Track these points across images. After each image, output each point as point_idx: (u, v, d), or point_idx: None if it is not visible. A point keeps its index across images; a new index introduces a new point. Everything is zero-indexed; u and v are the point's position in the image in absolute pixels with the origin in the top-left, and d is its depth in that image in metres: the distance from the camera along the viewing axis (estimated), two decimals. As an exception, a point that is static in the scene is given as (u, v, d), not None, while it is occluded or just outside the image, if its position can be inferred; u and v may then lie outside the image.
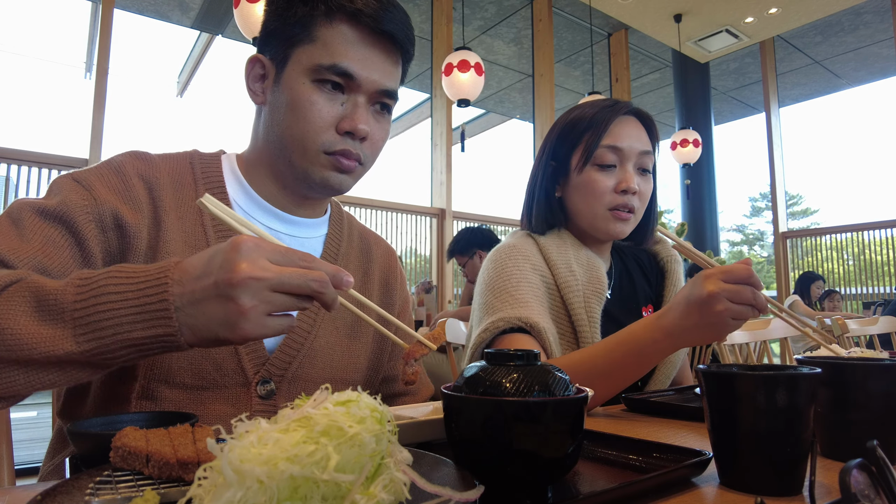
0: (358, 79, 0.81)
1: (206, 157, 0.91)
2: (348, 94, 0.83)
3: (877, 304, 5.86)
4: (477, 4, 6.17)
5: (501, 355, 0.52)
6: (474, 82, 4.19)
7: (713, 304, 0.80)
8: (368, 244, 1.06)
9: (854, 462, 0.36)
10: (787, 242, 7.28)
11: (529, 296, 1.07)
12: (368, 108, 0.85)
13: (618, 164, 1.14)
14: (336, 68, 0.80)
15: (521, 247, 1.15)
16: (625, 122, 1.16)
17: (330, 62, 0.80)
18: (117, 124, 7.37)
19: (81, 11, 5.50)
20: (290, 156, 0.84)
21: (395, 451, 0.38)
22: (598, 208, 1.14)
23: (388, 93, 0.86)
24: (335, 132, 0.82)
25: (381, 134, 0.88)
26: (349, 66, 0.80)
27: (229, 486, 0.33)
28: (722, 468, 0.56)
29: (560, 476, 0.50)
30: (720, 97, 8.67)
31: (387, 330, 0.68)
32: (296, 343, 0.86)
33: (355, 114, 0.82)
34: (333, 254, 0.96)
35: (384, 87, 0.84)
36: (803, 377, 0.51)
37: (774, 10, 6.21)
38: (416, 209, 5.57)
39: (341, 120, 0.82)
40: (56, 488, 0.42)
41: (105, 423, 0.57)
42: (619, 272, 1.27)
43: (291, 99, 0.81)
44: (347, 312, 0.92)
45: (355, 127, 0.82)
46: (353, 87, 0.82)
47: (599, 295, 1.12)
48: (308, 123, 0.81)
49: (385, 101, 0.87)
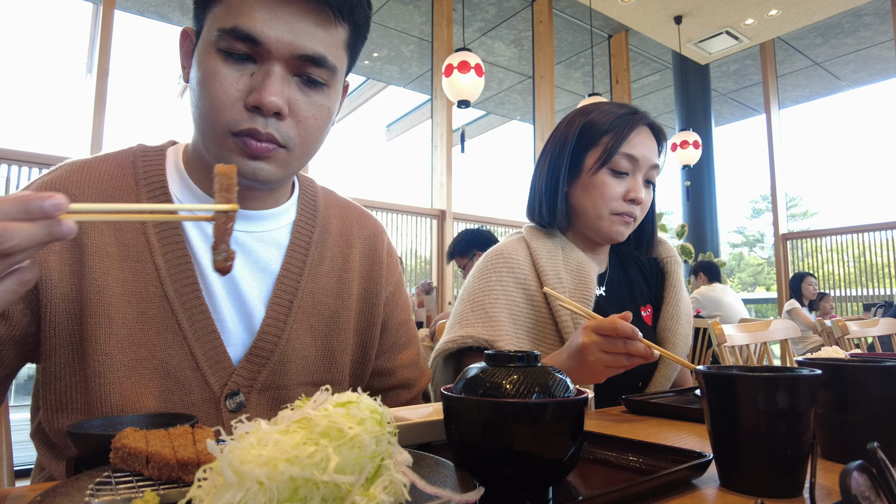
0: (265, 42, 0.68)
1: (150, 152, 0.82)
2: (259, 63, 0.70)
3: (877, 306, 5.86)
4: (477, 6, 6.17)
5: (502, 356, 0.52)
6: (474, 83, 4.19)
7: (586, 354, 0.87)
8: (349, 225, 0.94)
9: (854, 464, 0.36)
10: (787, 244, 7.28)
11: (503, 314, 1.10)
12: (286, 79, 0.71)
13: (630, 172, 1.16)
14: (237, 31, 0.68)
15: (511, 254, 1.17)
16: (643, 133, 1.17)
17: (231, 24, 0.68)
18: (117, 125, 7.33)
19: (82, 12, 5.50)
20: (203, 142, 0.75)
21: (395, 453, 0.38)
22: (604, 211, 1.15)
23: (312, 59, 0.71)
24: (242, 108, 0.70)
25: (310, 110, 0.74)
26: (252, 27, 0.67)
27: (229, 488, 0.33)
28: (722, 470, 0.56)
29: (560, 477, 0.50)
30: (720, 99, 8.67)
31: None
32: (264, 351, 0.79)
33: (263, 84, 0.69)
34: (304, 244, 0.86)
35: (304, 52, 0.70)
36: (804, 379, 0.51)
37: (775, 12, 6.22)
38: (417, 210, 5.57)
39: (248, 93, 0.70)
40: (56, 489, 0.42)
41: (105, 423, 0.57)
42: (615, 274, 1.28)
43: (201, 73, 0.71)
44: (324, 307, 0.86)
45: (260, 100, 0.68)
46: (263, 54, 0.69)
47: (586, 300, 1.13)
48: (212, 100, 0.70)
49: (312, 70, 0.72)
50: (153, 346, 0.74)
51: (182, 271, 0.76)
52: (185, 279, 0.76)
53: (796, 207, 28.73)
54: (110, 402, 0.71)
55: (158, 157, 0.81)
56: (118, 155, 0.81)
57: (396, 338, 0.98)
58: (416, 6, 6.02)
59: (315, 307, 0.85)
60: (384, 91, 8.74)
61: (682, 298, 1.28)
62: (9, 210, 0.42)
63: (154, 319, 0.74)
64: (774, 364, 2.20)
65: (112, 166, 0.79)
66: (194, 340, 0.75)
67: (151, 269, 0.75)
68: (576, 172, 1.19)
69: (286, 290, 0.82)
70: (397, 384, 0.98)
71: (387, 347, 0.96)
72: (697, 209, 6.90)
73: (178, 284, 0.75)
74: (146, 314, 0.74)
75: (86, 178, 0.77)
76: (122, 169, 0.79)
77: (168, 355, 0.74)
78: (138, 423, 0.57)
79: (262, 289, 0.81)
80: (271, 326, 0.80)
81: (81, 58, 5.36)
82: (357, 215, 0.97)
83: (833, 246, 7.08)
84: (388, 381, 0.97)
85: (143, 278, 0.75)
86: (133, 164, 0.80)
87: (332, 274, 0.88)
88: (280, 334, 0.80)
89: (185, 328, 0.75)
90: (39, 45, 14.66)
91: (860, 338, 2.32)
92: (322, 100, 0.75)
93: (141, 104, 15.18)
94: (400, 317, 0.99)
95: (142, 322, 0.74)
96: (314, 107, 0.74)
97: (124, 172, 0.79)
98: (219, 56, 0.70)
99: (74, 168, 0.78)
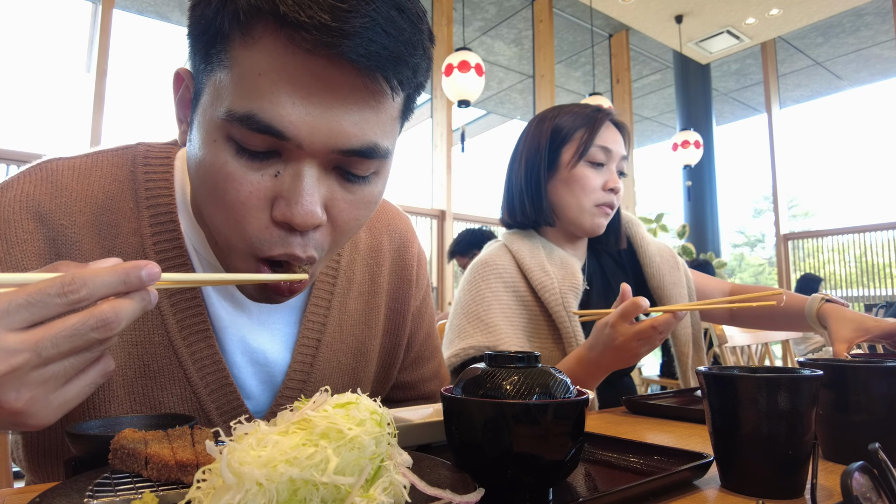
0: (294, 138, 0.49)
1: (153, 161, 0.66)
2: (286, 159, 0.52)
3: (878, 307, 5.85)
4: (477, 5, 6.17)
5: (502, 357, 0.51)
6: (474, 83, 4.19)
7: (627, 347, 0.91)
8: (378, 238, 0.83)
9: (856, 465, 0.36)
10: (788, 244, 7.28)
11: (499, 318, 1.13)
12: (323, 178, 0.53)
13: (606, 163, 1.21)
14: (254, 122, 0.49)
15: (495, 261, 1.20)
16: (610, 128, 1.23)
17: (245, 110, 0.49)
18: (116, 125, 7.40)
19: (81, 12, 5.49)
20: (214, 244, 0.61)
21: (395, 454, 0.38)
22: (587, 203, 1.20)
23: (359, 152, 0.52)
24: (269, 223, 0.53)
25: (353, 212, 0.56)
26: (275, 117, 0.48)
27: (228, 489, 0.32)
28: (723, 471, 0.55)
29: (561, 479, 0.50)
30: (721, 98, 8.66)
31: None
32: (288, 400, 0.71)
33: (295, 193, 0.51)
34: (332, 271, 0.76)
35: (348, 147, 0.52)
36: (805, 379, 0.51)
37: (776, 12, 6.21)
38: (417, 210, 5.57)
39: (276, 200, 0.52)
40: (54, 490, 0.42)
41: (104, 425, 0.57)
42: (594, 268, 1.32)
43: (200, 160, 0.53)
44: (351, 338, 0.78)
45: (292, 219, 0.52)
46: (291, 150, 0.51)
47: (576, 290, 1.16)
48: (227, 209, 0.53)
49: (356, 164, 0.54)
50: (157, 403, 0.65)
51: (193, 320, 0.65)
52: (195, 328, 0.65)
53: (797, 207, 28.71)
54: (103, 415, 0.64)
55: (164, 169, 0.66)
56: (113, 160, 0.65)
57: (421, 352, 0.92)
58: (417, 6, 6.02)
59: (343, 341, 0.77)
60: (384, 91, 8.74)
61: (655, 252, 1.33)
62: (110, 281, 0.39)
63: (159, 374, 0.65)
64: (776, 365, 2.20)
65: (106, 179, 0.63)
66: (206, 395, 0.67)
67: (157, 318, 0.64)
68: (553, 169, 1.23)
69: (313, 329, 0.73)
70: (418, 396, 0.93)
71: (410, 362, 0.90)
72: (698, 209, 6.90)
73: (189, 335, 0.65)
74: (149, 367, 0.64)
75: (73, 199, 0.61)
76: (120, 182, 0.64)
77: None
78: (137, 425, 0.57)
79: (285, 332, 0.72)
80: (297, 373, 0.72)
81: (80, 57, 5.36)
82: (386, 222, 0.86)
83: (834, 246, 7.07)
84: (408, 394, 0.92)
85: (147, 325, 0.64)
86: (132, 175, 0.65)
87: (360, 300, 0.80)
88: (306, 379, 0.72)
89: (196, 382, 0.66)
90: (38, 45, 14.69)
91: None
92: (369, 193, 0.57)
93: (140, 104, 15.22)
94: (426, 329, 0.93)
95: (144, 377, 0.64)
96: (359, 206, 0.57)
97: (122, 188, 0.64)
98: (229, 148, 0.51)
99: (58, 179, 0.61)
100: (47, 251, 0.59)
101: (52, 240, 0.59)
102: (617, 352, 0.91)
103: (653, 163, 20.75)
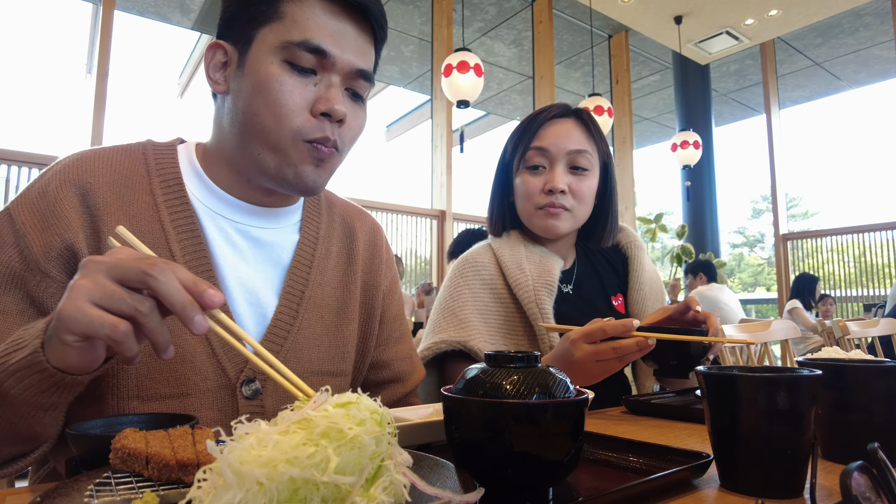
0: (332, 56, 0.75)
1: (160, 147, 0.84)
2: (321, 73, 0.76)
3: (877, 307, 5.86)
4: (477, 6, 6.17)
5: (502, 357, 0.51)
6: (474, 83, 4.19)
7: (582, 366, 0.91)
8: (351, 222, 0.99)
9: (855, 464, 0.36)
10: (787, 244, 7.28)
11: (473, 315, 1.15)
12: (343, 90, 0.78)
13: (547, 165, 1.19)
14: (308, 44, 0.73)
15: (476, 259, 1.22)
16: (556, 124, 1.20)
17: (301, 38, 0.73)
18: (117, 125, 7.32)
19: (82, 13, 5.50)
20: (258, 150, 0.77)
21: (395, 453, 0.38)
22: (530, 208, 1.20)
23: (363, 73, 0.79)
24: (310, 115, 0.75)
25: (357, 121, 0.82)
26: (322, 41, 0.74)
27: (229, 488, 0.32)
28: (723, 470, 0.56)
29: (560, 478, 0.50)
30: (720, 99, 8.67)
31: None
32: (277, 338, 0.81)
33: (330, 93, 0.75)
34: (312, 238, 0.90)
35: (359, 67, 0.78)
36: (804, 379, 0.51)
37: (775, 12, 6.22)
38: (417, 211, 5.58)
39: (315, 102, 0.75)
40: (56, 490, 0.42)
41: (104, 424, 0.57)
42: (582, 269, 1.30)
43: (258, 82, 0.74)
44: (332, 298, 0.89)
45: (332, 107, 0.75)
46: (327, 66, 0.75)
47: (549, 288, 1.16)
48: (280, 107, 0.74)
49: (359, 84, 0.80)
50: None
51: (197, 258, 0.77)
52: (200, 267, 0.77)
53: (796, 208, 28.72)
54: (126, 387, 0.71)
55: (170, 152, 0.84)
56: (128, 147, 0.83)
57: (391, 331, 1.01)
58: (416, 6, 6.02)
59: (324, 298, 0.88)
60: (384, 91, 8.74)
61: (646, 282, 1.30)
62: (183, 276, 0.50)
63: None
64: (775, 364, 2.20)
65: (123, 156, 0.81)
66: None
67: (167, 257, 0.75)
68: (510, 182, 1.26)
69: (297, 282, 0.85)
70: (391, 377, 1.00)
71: (383, 339, 0.99)
72: (698, 209, 6.90)
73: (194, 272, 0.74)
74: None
75: (99, 167, 0.78)
76: (133, 160, 0.81)
77: (184, 340, 0.74)
78: (138, 424, 0.57)
79: (274, 281, 0.84)
80: (284, 314, 0.82)
81: (81, 58, 5.37)
82: (357, 212, 1.02)
83: (833, 246, 7.08)
84: (382, 374, 1.00)
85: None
86: (144, 155, 0.82)
87: (338, 267, 0.93)
88: (293, 322, 0.83)
89: None
90: (39, 46, 14.68)
91: (860, 338, 2.32)
92: (363, 111, 0.83)
93: (141, 104, 15.24)
94: (395, 310, 1.03)
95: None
96: (359, 117, 0.82)
97: (135, 163, 0.80)
98: (282, 66, 0.74)
99: (86, 157, 0.79)
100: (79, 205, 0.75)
101: (83, 195, 0.75)
102: (574, 368, 0.91)
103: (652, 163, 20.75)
